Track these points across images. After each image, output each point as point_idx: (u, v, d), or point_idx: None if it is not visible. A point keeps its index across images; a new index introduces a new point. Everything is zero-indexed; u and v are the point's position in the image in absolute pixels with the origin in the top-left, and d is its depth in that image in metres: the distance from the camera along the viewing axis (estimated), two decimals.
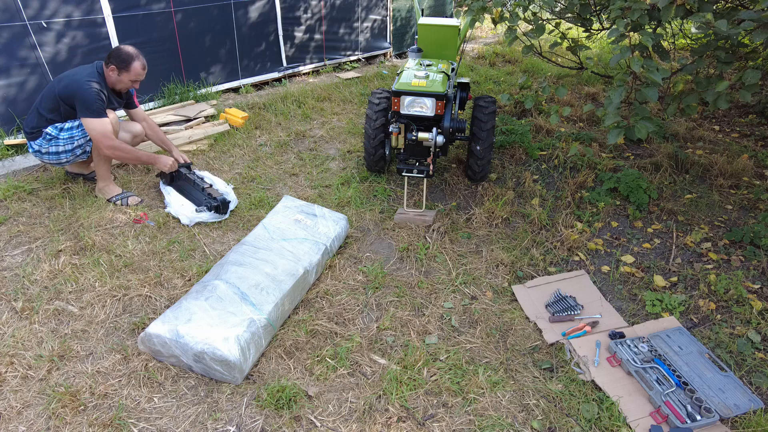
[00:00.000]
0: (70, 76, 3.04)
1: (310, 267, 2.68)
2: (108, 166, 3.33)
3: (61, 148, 3.15)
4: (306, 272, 2.65)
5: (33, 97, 4.11)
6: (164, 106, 4.90)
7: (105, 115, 3.03)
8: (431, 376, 2.29)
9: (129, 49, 3.06)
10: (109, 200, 3.35)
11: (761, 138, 4.81)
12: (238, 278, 2.46)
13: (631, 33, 2.50)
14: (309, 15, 6.03)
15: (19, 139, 4.02)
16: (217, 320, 2.22)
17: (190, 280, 2.78)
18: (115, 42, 4.42)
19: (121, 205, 3.33)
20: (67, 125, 3.11)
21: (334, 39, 6.47)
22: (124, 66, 3.04)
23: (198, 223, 3.26)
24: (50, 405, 2.07)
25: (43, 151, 3.17)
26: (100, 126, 3.00)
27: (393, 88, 3.28)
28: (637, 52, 2.40)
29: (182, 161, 3.52)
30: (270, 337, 2.37)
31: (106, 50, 4.39)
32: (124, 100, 3.36)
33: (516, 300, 2.78)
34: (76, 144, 3.16)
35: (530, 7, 3.31)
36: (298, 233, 2.89)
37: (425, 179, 3.52)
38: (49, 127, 3.10)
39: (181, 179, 3.50)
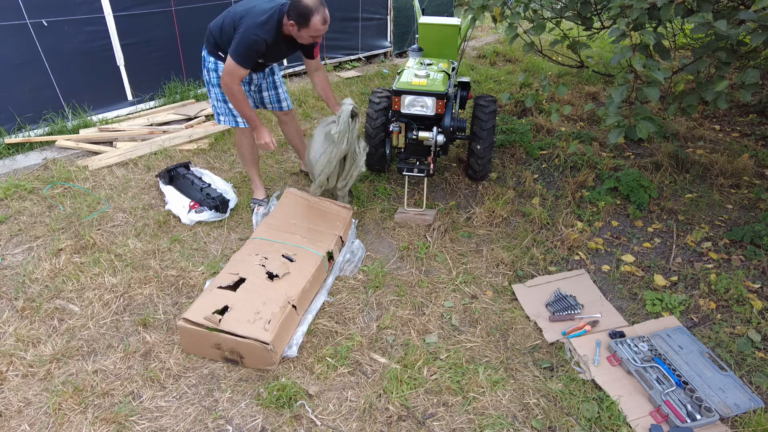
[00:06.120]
0: (247, 16, 2.77)
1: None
2: (256, 169, 3.44)
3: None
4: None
5: (33, 95, 4.11)
6: (165, 104, 4.90)
7: (248, 67, 2.78)
8: (431, 375, 2.30)
9: (308, 1, 2.64)
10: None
11: (762, 137, 4.80)
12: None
13: (632, 32, 2.49)
14: None
15: (20, 138, 4.02)
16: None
17: (191, 278, 2.79)
18: (115, 41, 4.42)
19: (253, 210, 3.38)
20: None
21: (334, 38, 6.46)
22: (302, 22, 2.68)
23: (198, 223, 3.26)
24: (51, 403, 2.08)
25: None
26: (232, 67, 2.76)
27: (394, 87, 3.28)
28: (638, 52, 2.40)
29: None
30: None
31: (106, 49, 4.39)
32: (295, 51, 3.08)
33: (516, 299, 2.79)
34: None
35: (531, 5, 3.30)
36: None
37: (426, 178, 3.52)
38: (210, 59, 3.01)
39: (180, 179, 3.50)
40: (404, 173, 3.41)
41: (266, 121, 4.72)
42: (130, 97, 4.72)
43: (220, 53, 2.96)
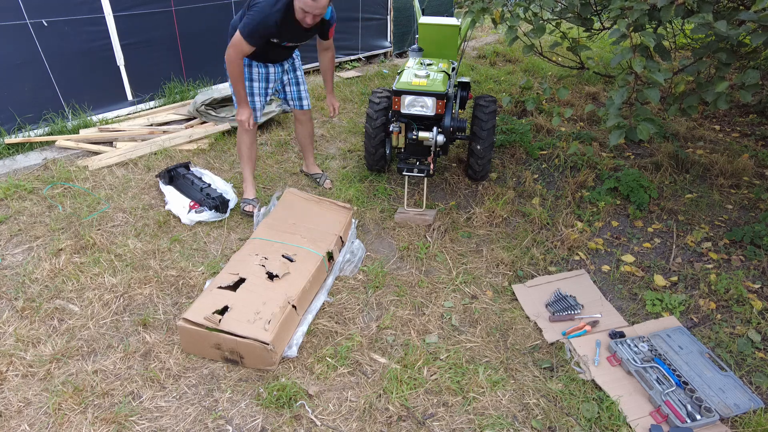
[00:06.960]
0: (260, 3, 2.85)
1: None
2: (251, 168, 3.49)
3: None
4: None
5: (33, 95, 4.11)
6: (165, 105, 4.90)
7: (253, 44, 2.87)
8: (431, 375, 2.30)
9: None
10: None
11: (762, 137, 4.80)
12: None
13: (633, 33, 2.49)
14: None
15: (20, 138, 4.02)
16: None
17: (191, 278, 2.79)
18: (115, 41, 4.42)
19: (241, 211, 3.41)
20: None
21: (334, 38, 6.46)
22: None
23: (198, 223, 3.26)
24: (51, 403, 2.08)
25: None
26: (237, 40, 2.85)
27: (394, 88, 3.28)
28: (638, 53, 2.40)
29: (333, 108, 3.58)
30: None
31: (106, 49, 4.40)
32: (315, 33, 3.22)
33: (516, 299, 2.79)
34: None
35: (531, 7, 3.30)
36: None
37: (426, 178, 3.52)
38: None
39: (180, 179, 3.51)
40: (404, 173, 3.41)
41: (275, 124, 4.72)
42: (130, 97, 4.72)
43: None
